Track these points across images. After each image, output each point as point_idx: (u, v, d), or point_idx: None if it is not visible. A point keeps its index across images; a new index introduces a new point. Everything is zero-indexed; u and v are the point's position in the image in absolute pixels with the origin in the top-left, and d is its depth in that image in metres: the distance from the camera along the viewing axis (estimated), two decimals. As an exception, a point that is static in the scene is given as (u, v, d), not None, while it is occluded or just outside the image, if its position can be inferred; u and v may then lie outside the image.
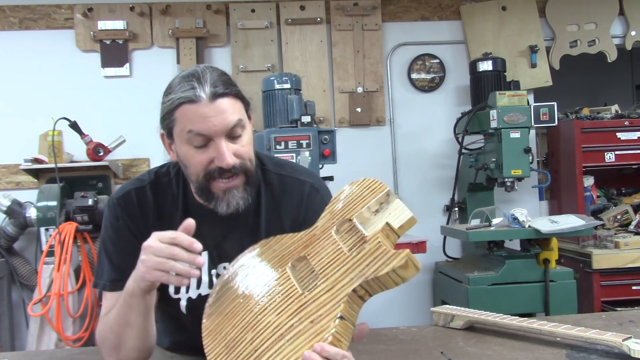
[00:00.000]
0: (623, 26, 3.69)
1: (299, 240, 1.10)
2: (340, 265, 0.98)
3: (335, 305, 0.94)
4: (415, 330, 1.48)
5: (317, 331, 0.92)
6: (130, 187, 1.28)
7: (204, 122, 1.11)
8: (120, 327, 1.13)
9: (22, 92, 3.32)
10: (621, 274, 3.06)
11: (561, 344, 1.27)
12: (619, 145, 3.28)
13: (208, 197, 1.19)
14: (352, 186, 1.10)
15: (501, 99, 2.95)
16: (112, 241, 1.25)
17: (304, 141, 2.69)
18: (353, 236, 1.01)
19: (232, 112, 1.14)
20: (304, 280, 1.02)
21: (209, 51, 3.46)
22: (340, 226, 1.05)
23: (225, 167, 1.13)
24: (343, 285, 0.95)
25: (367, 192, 1.06)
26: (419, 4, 3.62)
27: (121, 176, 3.31)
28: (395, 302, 3.52)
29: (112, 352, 1.17)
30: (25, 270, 3.15)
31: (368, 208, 1.03)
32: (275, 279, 1.05)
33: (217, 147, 1.13)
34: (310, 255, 1.04)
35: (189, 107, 1.12)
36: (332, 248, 1.02)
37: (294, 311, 0.97)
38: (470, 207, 3.30)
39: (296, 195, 1.30)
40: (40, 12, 3.34)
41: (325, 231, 1.06)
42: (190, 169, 1.17)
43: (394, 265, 0.92)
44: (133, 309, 1.11)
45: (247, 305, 1.03)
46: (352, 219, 1.03)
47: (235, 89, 1.17)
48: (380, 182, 1.07)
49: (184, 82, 1.13)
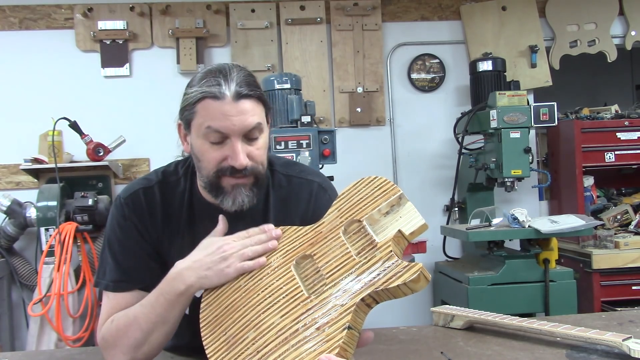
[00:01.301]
0: (623, 26, 3.70)
1: (304, 235, 1.07)
2: (349, 272, 0.96)
3: (343, 314, 0.92)
4: (415, 330, 1.47)
5: (324, 340, 0.91)
6: (138, 186, 1.27)
7: (224, 120, 1.12)
8: (155, 324, 1.12)
9: (22, 92, 3.32)
10: (621, 274, 3.06)
11: (561, 344, 1.27)
12: (619, 145, 3.28)
13: (217, 192, 1.19)
14: (362, 184, 1.07)
15: (501, 99, 2.95)
16: (118, 241, 1.24)
17: (304, 141, 2.69)
18: (362, 238, 1.00)
19: (253, 115, 1.14)
20: (309, 281, 1.00)
21: (209, 51, 3.46)
22: (348, 226, 1.03)
23: (237, 167, 1.14)
24: (352, 293, 0.94)
25: (379, 192, 1.04)
26: (419, 4, 3.62)
27: (121, 176, 3.31)
28: (396, 302, 3.51)
29: (129, 351, 1.14)
30: (25, 270, 3.15)
31: (379, 210, 1.01)
32: (279, 277, 1.03)
33: (232, 146, 1.14)
34: (316, 255, 1.02)
35: (211, 103, 1.12)
36: (340, 251, 1.00)
37: (299, 315, 0.95)
38: (470, 207, 3.30)
39: (304, 195, 1.30)
40: (40, 12, 3.34)
41: (333, 230, 1.04)
42: (203, 163, 1.18)
43: (405, 279, 0.91)
44: (176, 307, 1.10)
45: (249, 300, 1.02)
46: (362, 220, 1.01)
47: (259, 91, 1.18)
48: (391, 183, 1.05)
49: (210, 77, 1.14)
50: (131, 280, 1.20)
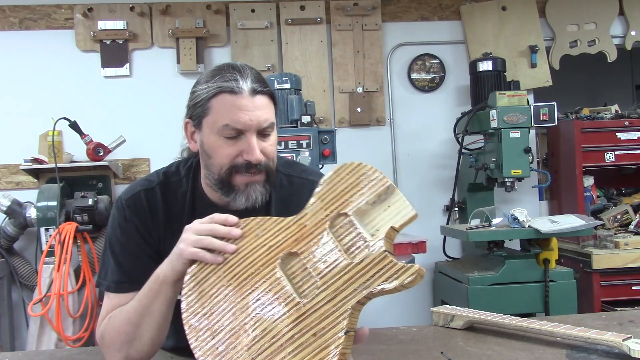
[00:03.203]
0: (623, 26, 3.69)
1: (287, 229, 1.01)
2: (342, 273, 0.93)
3: (339, 318, 0.91)
4: (415, 330, 1.47)
5: (322, 345, 0.90)
6: (139, 188, 1.27)
7: (242, 114, 1.13)
8: (142, 317, 1.12)
9: (22, 92, 3.32)
10: (621, 274, 3.06)
11: (561, 344, 1.27)
12: (619, 145, 3.27)
13: (228, 190, 1.19)
14: (345, 171, 1.00)
15: (501, 99, 2.95)
16: (119, 242, 1.24)
17: (304, 141, 2.69)
18: (350, 233, 0.96)
19: (267, 111, 1.17)
20: (299, 283, 0.96)
21: (209, 51, 3.46)
22: (334, 220, 0.98)
23: (254, 161, 1.15)
24: (346, 296, 0.91)
25: (365, 182, 0.98)
26: (419, 4, 3.62)
27: (121, 176, 3.31)
28: (395, 302, 3.52)
29: (123, 348, 1.14)
30: (25, 270, 3.15)
31: (366, 202, 0.96)
32: (266, 278, 0.98)
33: (247, 141, 1.15)
34: (303, 254, 0.97)
35: (228, 97, 1.14)
36: (330, 250, 0.96)
37: (293, 321, 0.93)
38: (470, 207, 3.30)
39: (305, 195, 1.29)
40: (40, 12, 3.34)
41: (318, 225, 0.98)
42: (216, 159, 1.18)
43: (402, 281, 0.89)
44: (159, 297, 1.10)
45: (236, 303, 0.98)
46: (349, 214, 0.97)
47: (270, 90, 1.21)
48: (378, 172, 0.98)
49: (225, 74, 1.15)
50: (132, 281, 1.20)
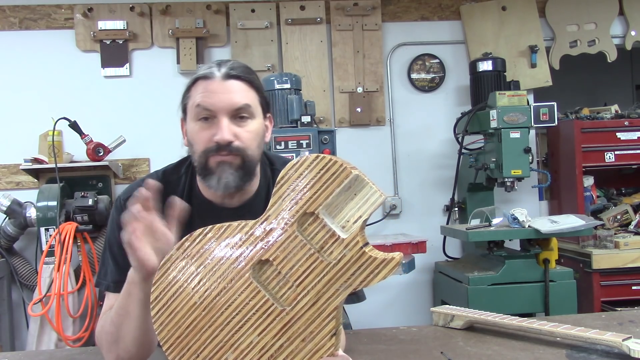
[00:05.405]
0: (623, 26, 3.69)
1: (252, 236, 0.97)
2: (321, 276, 0.91)
3: (326, 321, 0.91)
4: (415, 330, 1.47)
5: (313, 349, 0.91)
6: (138, 187, 1.27)
7: (211, 96, 1.18)
8: (120, 317, 1.13)
9: (22, 92, 3.31)
10: (621, 274, 3.05)
11: (561, 344, 1.27)
12: (618, 145, 3.27)
13: (205, 173, 1.22)
14: (303, 166, 0.94)
15: (501, 99, 2.95)
16: (118, 242, 1.24)
17: (304, 141, 2.69)
18: (320, 231, 0.93)
19: (241, 96, 1.20)
20: (276, 290, 0.94)
21: (209, 51, 3.46)
22: (300, 220, 0.94)
23: (220, 141, 1.17)
24: (329, 297, 0.91)
25: (327, 175, 0.93)
26: (419, 4, 3.62)
27: (121, 176, 3.31)
28: (395, 302, 3.52)
29: (112, 347, 1.16)
30: (25, 270, 3.15)
31: (332, 195, 0.92)
32: (241, 290, 0.94)
33: (218, 122, 1.18)
34: (276, 260, 0.94)
35: (201, 82, 1.21)
36: (303, 253, 0.92)
37: (279, 330, 0.92)
38: (470, 207, 3.30)
39: None
40: (40, 12, 3.34)
41: (285, 228, 0.94)
42: (195, 146, 1.22)
43: (385, 275, 0.89)
44: (132, 298, 1.11)
45: (214, 319, 0.95)
46: (317, 213, 0.93)
47: (253, 77, 1.24)
48: (340, 162, 0.93)
49: (208, 66, 1.23)
50: None
